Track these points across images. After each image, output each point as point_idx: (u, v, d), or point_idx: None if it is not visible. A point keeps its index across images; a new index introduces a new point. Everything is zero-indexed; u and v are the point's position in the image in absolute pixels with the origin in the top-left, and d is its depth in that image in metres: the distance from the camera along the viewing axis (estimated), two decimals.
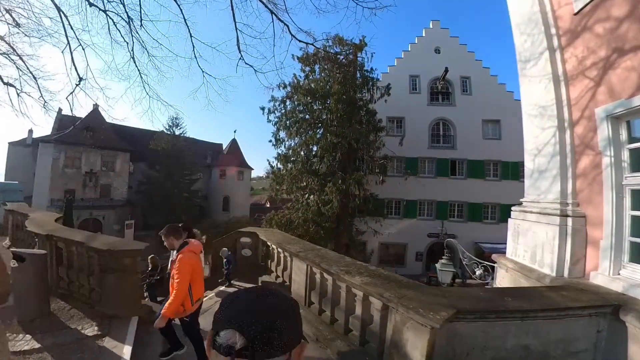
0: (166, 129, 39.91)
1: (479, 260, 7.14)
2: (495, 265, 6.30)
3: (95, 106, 36.03)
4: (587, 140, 4.58)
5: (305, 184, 18.10)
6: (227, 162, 45.47)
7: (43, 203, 30.65)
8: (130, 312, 5.48)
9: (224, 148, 49.34)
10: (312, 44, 4.93)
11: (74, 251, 6.23)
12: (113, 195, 35.01)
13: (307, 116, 17.53)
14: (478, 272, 7.10)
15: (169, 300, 3.73)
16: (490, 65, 27.26)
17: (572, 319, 3.45)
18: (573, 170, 4.71)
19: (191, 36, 8.43)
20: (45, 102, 13.57)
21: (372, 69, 18.44)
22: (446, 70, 22.13)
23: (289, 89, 17.41)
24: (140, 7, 7.38)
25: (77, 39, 10.39)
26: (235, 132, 55.80)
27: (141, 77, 9.47)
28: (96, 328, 5.16)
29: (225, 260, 8.42)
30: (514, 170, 23.07)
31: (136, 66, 8.74)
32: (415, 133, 22.69)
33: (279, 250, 7.20)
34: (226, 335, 0.66)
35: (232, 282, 8.49)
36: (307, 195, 18.50)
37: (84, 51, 10.82)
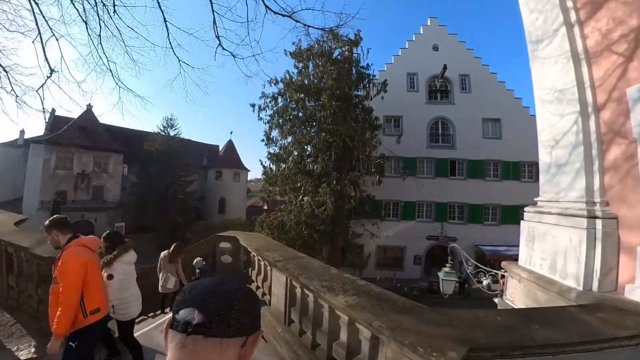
0: (160, 130, 39.27)
1: (487, 269, 6.32)
2: (504, 273, 5.50)
3: (89, 107, 35.52)
4: (616, 127, 3.79)
5: (298, 184, 17.27)
6: (223, 163, 44.67)
7: (33, 205, 29.84)
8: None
9: (220, 149, 48.49)
10: (288, 16, 4.11)
11: (23, 257, 5.48)
12: (106, 197, 34.14)
13: (300, 114, 16.70)
14: (485, 281, 6.30)
15: (57, 314, 2.84)
16: (489, 63, 26.40)
17: (614, 350, 2.64)
18: (600, 162, 3.91)
19: (165, 21, 7.62)
20: (17, 96, 12.72)
21: (368, 65, 17.68)
22: (445, 68, 21.40)
23: (280, 85, 16.61)
24: None
25: (50, 28, 9.64)
26: (231, 133, 54.71)
27: (108, 63, 8.61)
28: (33, 350, 4.43)
29: (198, 271, 7.55)
30: (514, 170, 22.29)
31: (104, 53, 8.07)
32: (414, 132, 21.85)
33: (259, 257, 6.37)
34: (185, 312, 0.67)
35: None
36: (300, 197, 17.67)
37: (58, 42, 10.02)
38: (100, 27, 7.66)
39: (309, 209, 16.06)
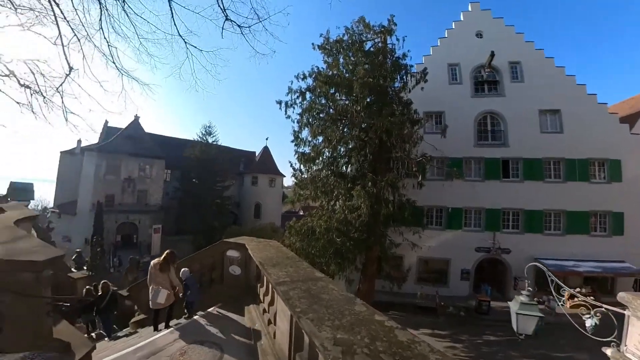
0: (200, 137, 40.02)
1: (595, 303, 4.16)
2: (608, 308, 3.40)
3: (136, 117, 37.14)
4: None
5: (330, 188, 15.54)
6: (258, 169, 44.40)
7: (86, 207, 31.32)
8: (27, 350, 3.50)
9: (256, 155, 48.45)
10: None
11: None
12: (149, 200, 35.10)
13: (330, 110, 15.03)
14: (589, 321, 4.13)
15: None
16: (543, 46, 22.80)
17: None
18: None
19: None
20: (44, 97, 12.49)
21: (404, 54, 15.52)
22: (492, 55, 18.50)
23: (309, 80, 15.12)
24: None
25: (71, 27, 9.18)
26: (267, 139, 54.59)
27: (109, 48, 7.76)
28: None
29: (184, 283, 6.16)
30: (581, 170, 18.66)
31: (105, 38, 7.31)
32: (459, 129, 18.94)
33: (261, 270, 4.77)
34: None
35: (192, 314, 6.18)
36: (333, 202, 15.90)
37: (79, 42, 9.55)
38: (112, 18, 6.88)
39: (342, 214, 14.22)
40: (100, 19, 7.66)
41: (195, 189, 36.28)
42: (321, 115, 15.56)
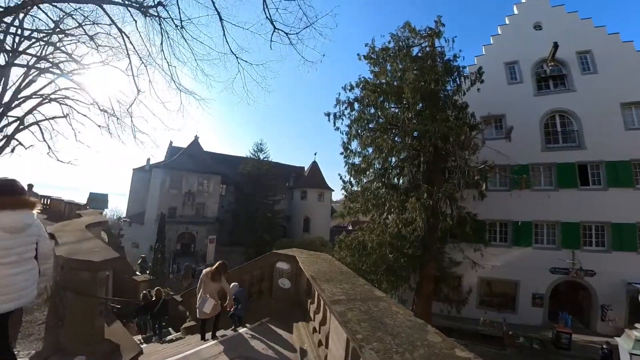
0: (252, 153, 41.92)
1: None
2: None
3: (196, 137, 40.27)
4: None
5: (382, 200, 14.77)
6: (307, 183, 44.92)
7: (152, 217, 34.04)
8: (81, 347, 3.71)
9: (305, 170, 49.17)
10: None
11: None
12: (206, 213, 37.27)
13: (380, 119, 14.45)
14: None
15: None
16: (619, 30, 19.58)
17: None
18: None
19: (221, 19, 7.02)
20: (118, 119, 13.85)
21: (455, 56, 14.43)
22: (555, 47, 16.27)
23: (356, 91, 14.76)
24: (179, 8, 7.21)
25: (138, 55, 10.33)
26: (315, 154, 55.78)
27: (169, 66, 8.39)
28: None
29: (234, 297, 5.95)
30: None
31: (165, 59, 8.23)
32: (522, 133, 16.85)
33: (315, 288, 4.34)
34: None
35: (239, 328, 5.89)
36: (385, 215, 15.07)
37: (146, 68, 10.69)
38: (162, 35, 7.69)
39: (395, 229, 13.33)
40: (162, 47, 8.29)
41: (247, 203, 37.79)
42: (370, 125, 15.06)
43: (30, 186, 18.17)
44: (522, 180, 14.17)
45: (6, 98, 19.12)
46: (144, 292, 10.16)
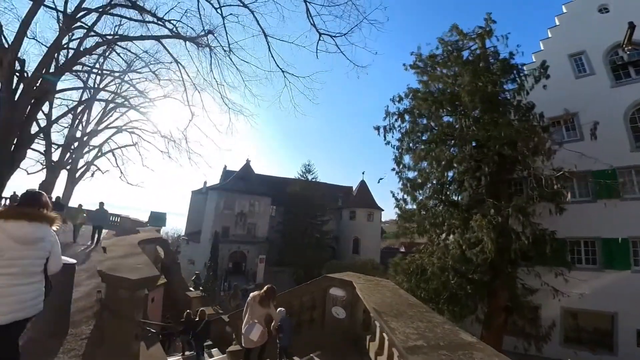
0: (300, 175, 42.40)
1: None
2: None
3: (248, 161, 42.11)
4: None
5: (440, 219, 13.27)
6: (356, 203, 43.78)
7: (207, 236, 35.46)
8: None
9: (353, 190, 48.22)
10: None
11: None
12: (256, 233, 37.98)
13: (434, 130, 13.23)
14: None
15: None
16: None
17: None
18: None
19: (266, 36, 7.00)
20: (175, 142, 14.83)
21: (511, 53, 12.78)
22: (631, 27, 13.58)
23: (405, 101, 13.80)
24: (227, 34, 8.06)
25: (192, 82, 11.15)
26: (363, 173, 54.34)
27: (219, 86, 8.72)
28: None
29: (278, 325, 5.27)
30: None
31: (215, 80, 8.82)
32: (602, 132, 14.00)
33: (380, 325, 3.48)
34: None
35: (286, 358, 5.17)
36: (444, 235, 13.48)
37: (200, 94, 11.48)
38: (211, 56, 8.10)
39: (457, 250, 11.72)
40: (213, 73, 8.58)
41: (296, 224, 37.83)
42: (424, 137, 13.92)
43: (99, 205, 20.09)
44: (617, 188, 11.56)
45: (89, 128, 21.97)
46: (187, 311, 10.07)
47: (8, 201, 21.50)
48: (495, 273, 12.17)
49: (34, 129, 12.22)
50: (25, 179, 18.66)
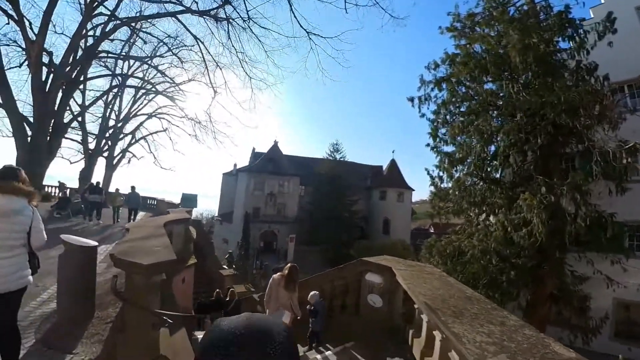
0: (328, 154, 41.68)
1: None
2: None
3: (275, 142, 41.96)
4: None
5: (480, 198, 12.11)
6: (386, 183, 42.57)
7: (239, 216, 36.32)
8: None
9: (383, 169, 46.84)
10: None
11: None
12: (286, 213, 38.31)
13: (475, 99, 11.79)
14: None
15: None
16: None
17: None
18: None
19: None
20: (200, 123, 14.75)
21: (567, 6, 10.75)
22: None
23: (442, 68, 12.36)
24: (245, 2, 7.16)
25: (214, 60, 10.70)
26: (393, 152, 52.22)
27: (238, 57, 8.13)
28: None
29: (311, 308, 4.94)
30: None
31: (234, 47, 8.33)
32: None
33: (437, 324, 2.86)
34: None
35: (318, 345, 4.91)
36: (483, 215, 12.34)
37: (221, 70, 11.03)
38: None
39: (500, 233, 10.63)
40: (233, 45, 7.96)
41: (325, 204, 37.53)
42: (462, 108, 12.56)
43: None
44: None
45: (121, 116, 22.65)
46: (217, 290, 10.33)
47: (57, 190, 23.05)
48: (542, 258, 11.00)
49: (67, 118, 12.51)
50: (68, 168, 19.74)
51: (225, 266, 24.34)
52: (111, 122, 21.56)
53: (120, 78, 16.72)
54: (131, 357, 3.19)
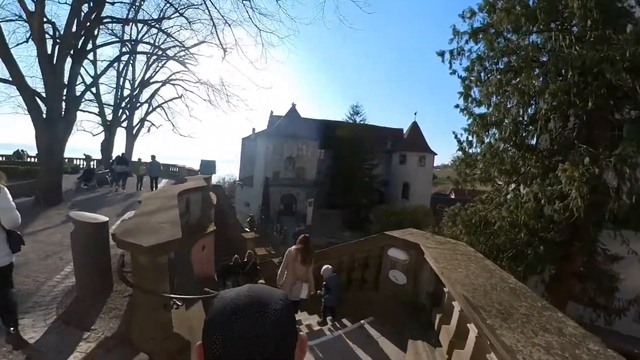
0: (348, 117, 40.33)
1: None
2: None
3: (293, 105, 40.78)
4: None
5: (510, 166, 11.17)
6: (407, 146, 41.11)
7: (259, 180, 36.74)
8: (145, 343, 3.11)
9: (404, 132, 45.09)
10: None
11: None
12: (305, 176, 38.27)
13: (517, 53, 10.39)
14: None
15: None
16: None
17: None
18: None
19: None
20: (212, 87, 14.23)
21: None
22: None
23: (479, 17, 10.84)
24: None
25: (222, 18, 9.87)
26: (415, 114, 49.69)
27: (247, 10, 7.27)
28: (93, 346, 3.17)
29: (324, 283, 4.83)
30: None
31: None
32: None
33: (468, 316, 2.48)
34: None
35: (331, 320, 4.87)
36: (514, 185, 11.44)
37: (230, 27, 10.18)
38: None
39: (532, 205, 9.79)
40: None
41: (344, 167, 37.05)
42: (499, 65, 11.19)
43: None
44: None
45: (135, 85, 22.29)
46: (235, 256, 10.46)
47: (83, 162, 23.78)
48: (574, 234, 10.23)
49: (81, 91, 12.27)
50: (91, 140, 20.07)
51: (247, 229, 25.06)
52: (126, 92, 21.36)
53: (129, 45, 16.05)
54: (144, 336, 3.07)
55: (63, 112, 10.54)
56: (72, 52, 10.80)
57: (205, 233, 7.75)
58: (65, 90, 10.33)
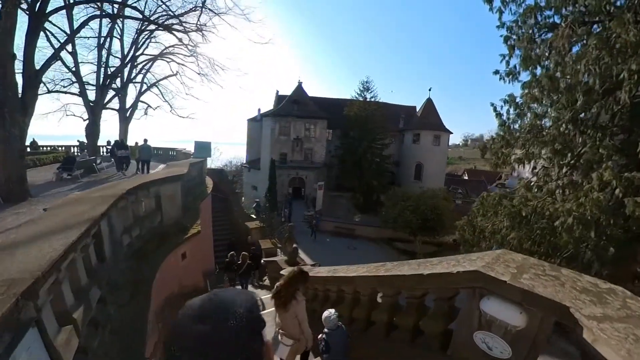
0: (358, 94, 37.36)
1: None
2: None
3: (299, 83, 37.90)
4: None
5: (563, 145, 8.79)
6: (420, 125, 38.21)
7: (267, 163, 34.73)
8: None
9: (417, 110, 42.01)
10: None
11: None
12: (314, 158, 36.18)
13: (586, 3, 7.73)
14: None
15: None
16: None
17: None
18: None
19: None
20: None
21: None
22: None
23: None
24: None
25: None
26: (430, 90, 46.11)
27: None
28: None
29: (322, 337, 3.17)
30: None
31: None
32: None
33: None
34: None
35: None
36: (565, 170, 9.10)
37: None
38: None
39: (602, 196, 7.43)
40: None
41: (354, 147, 34.65)
42: (554, 18, 8.61)
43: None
44: None
45: (126, 60, 19.89)
46: (231, 253, 10.99)
47: (77, 149, 21.93)
48: None
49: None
50: (82, 125, 18.06)
51: (253, 215, 23.30)
52: (115, 73, 18.99)
53: (99, 3, 13.25)
54: None
55: (21, 93, 8.58)
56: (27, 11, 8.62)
57: (187, 237, 5.83)
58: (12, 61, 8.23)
